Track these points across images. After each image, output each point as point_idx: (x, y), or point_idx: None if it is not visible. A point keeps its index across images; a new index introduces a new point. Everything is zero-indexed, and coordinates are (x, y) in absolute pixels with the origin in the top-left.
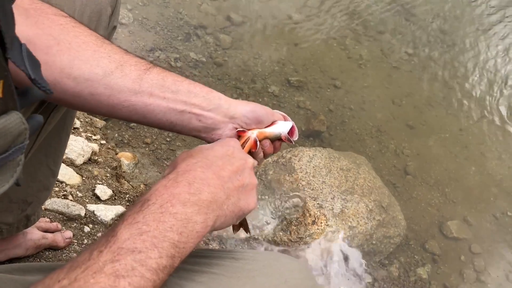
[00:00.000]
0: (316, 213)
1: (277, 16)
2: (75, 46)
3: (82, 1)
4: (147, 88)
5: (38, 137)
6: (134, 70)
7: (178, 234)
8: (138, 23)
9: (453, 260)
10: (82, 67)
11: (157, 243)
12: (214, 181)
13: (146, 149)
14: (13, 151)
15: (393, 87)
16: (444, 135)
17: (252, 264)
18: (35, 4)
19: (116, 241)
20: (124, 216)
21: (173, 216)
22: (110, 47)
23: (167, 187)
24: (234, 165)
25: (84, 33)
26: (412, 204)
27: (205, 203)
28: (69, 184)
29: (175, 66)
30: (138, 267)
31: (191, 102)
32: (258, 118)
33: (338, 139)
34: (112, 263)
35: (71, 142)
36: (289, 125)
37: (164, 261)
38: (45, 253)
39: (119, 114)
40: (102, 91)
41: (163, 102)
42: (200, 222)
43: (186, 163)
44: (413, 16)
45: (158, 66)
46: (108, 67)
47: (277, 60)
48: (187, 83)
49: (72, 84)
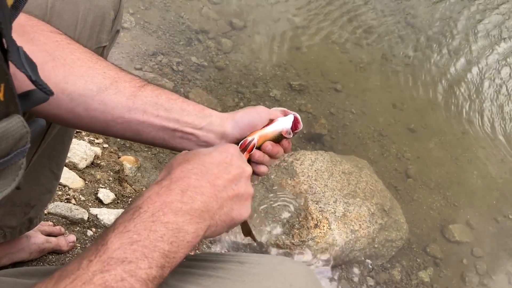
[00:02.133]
0: (318, 216)
1: (278, 21)
2: (70, 62)
3: (86, 6)
4: (141, 105)
5: (42, 141)
6: (128, 87)
7: (169, 244)
8: (140, 27)
9: (455, 264)
10: (76, 83)
11: (148, 253)
12: (208, 189)
13: (148, 152)
14: (15, 155)
15: (394, 90)
16: (445, 139)
17: (258, 267)
18: (31, 21)
19: (106, 250)
20: (115, 224)
21: (164, 225)
22: (105, 64)
23: (159, 195)
24: (230, 173)
25: (79, 50)
26: (413, 208)
27: (197, 212)
28: (72, 187)
29: (177, 70)
30: (128, 277)
31: (183, 121)
32: (250, 124)
33: (340, 142)
34: (102, 273)
35: (73, 146)
36: (290, 119)
37: (154, 271)
38: (49, 257)
39: (113, 130)
40: (96, 107)
41: (156, 120)
42: (191, 232)
43: (181, 169)
44: (414, 20)
45: (152, 84)
46: (102, 83)
47: (278, 64)
48: (181, 101)
49: (67, 99)
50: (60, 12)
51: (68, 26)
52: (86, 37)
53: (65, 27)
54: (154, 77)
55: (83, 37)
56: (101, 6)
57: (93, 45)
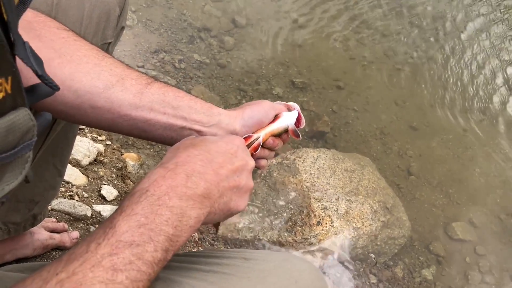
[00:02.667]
0: (321, 214)
1: (280, 19)
2: (76, 59)
3: (91, 2)
4: (148, 103)
5: (47, 136)
6: (135, 84)
7: (173, 228)
8: (142, 25)
9: (458, 262)
10: (83, 79)
11: (154, 236)
12: (211, 177)
13: (150, 150)
14: (22, 147)
15: (396, 88)
16: (447, 136)
17: (263, 264)
18: (38, 17)
19: (115, 233)
20: (122, 206)
21: (169, 209)
22: (111, 61)
23: (165, 178)
24: (234, 164)
25: (86, 46)
26: (416, 205)
27: (199, 198)
28: (75, 184)
29: (179, 67)
30: (135, 260)
31: (191, 118)
32: (258, 122)
33: (343, 140)
34: (110, 256)
35: (77, 143)
36: (295, 114)
37: (159, 254)
38: (52, 253)
39: (120, 128)
40: (102, 104)
41: (163, 118)
42: (194, 217)
43: (187, 153)
44: (416, 18)
45: (159, 81)
46: (109, 81)
47: (281, 61)
48: (188, 98)
49: (73, 96)
50: (66, 8)
51: (74, 22)
52: (92, 33)
53: (70, 23)
54: (156, 75)
55: (88, 33)
56: (106, 2)
57: (99, 41)
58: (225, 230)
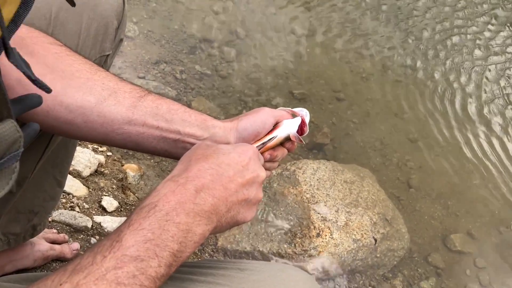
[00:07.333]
0: (320, 225)
1: (281, 30)
2: (68, 74)
3: (89, 15)
4: (141, 116)
5: (47, 148)
6: (128, 97)
7: (178, 244)
8: (144, 36)
9: (457, 274)
10: (74, 95)
11: (159, 252)
12: (220, 193)
13: (151, 161)
14: (8, 159)
15: (396, 100)
16: (447, 148)
17: (258, 275)
18: (32, 33)
19: (121, 247)
20: (130, 220)
21: (176, 225)
22: (104, 74)
23: (175, 193)
24: (244, 178)
25: (78, 61)
26: (415, 217)
27: (206, 214)
28: (76, 195)
29: (180, 78)
30: (139, 275)
31: (185, 132)
32: (253, 133)
33: (342, 151)
34: (115, 270)
35: (78, 154)
36: (297, 122)
37: (162, 270)
38: (53, 265)
39: (114, 141)
40: (95, 119)
41: (157, 132)
42: (199, 234)
43: (198, 167)
44: (415, 30)
45: (153, 93)
46: (101, 95)
47: (281, 73)
48: (182, 111)
49: (65, 112)
50: (64, 22)
51: (72, 36)
52: (90, 46)
53: (68, 36)
54: (157, 86)
55: (86, 46)
56: (104, 15)
57: (97, 54)
58: (224, 242)
